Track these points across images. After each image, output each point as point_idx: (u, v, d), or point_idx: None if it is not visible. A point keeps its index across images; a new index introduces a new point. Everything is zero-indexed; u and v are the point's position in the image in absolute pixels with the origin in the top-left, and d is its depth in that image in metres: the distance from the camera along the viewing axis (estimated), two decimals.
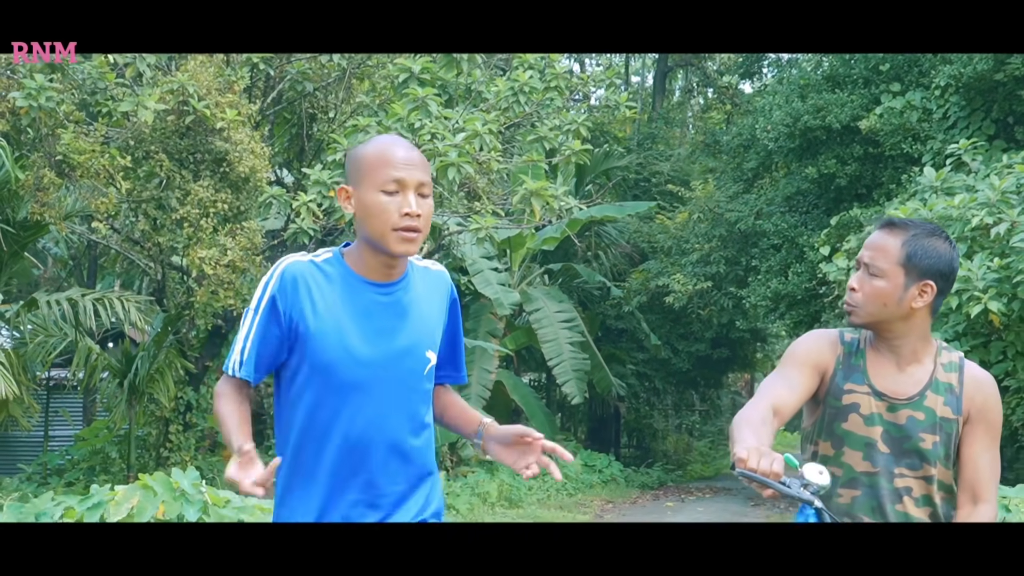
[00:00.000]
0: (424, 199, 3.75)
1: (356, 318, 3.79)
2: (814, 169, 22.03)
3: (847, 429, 4.03)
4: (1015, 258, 12.31)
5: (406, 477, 3.87)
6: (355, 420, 3.79)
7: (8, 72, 13.17)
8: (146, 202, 14.54)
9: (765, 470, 3.45)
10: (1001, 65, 18.06)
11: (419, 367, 3.89)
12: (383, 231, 3.69)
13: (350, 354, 3.77)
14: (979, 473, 3.97)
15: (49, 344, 15.77)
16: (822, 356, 4.11)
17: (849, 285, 4.08)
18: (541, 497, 21.59)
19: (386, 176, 3.69)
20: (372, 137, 4.11)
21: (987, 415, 4.03)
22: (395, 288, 3.85)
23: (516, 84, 15.65)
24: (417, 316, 3.90)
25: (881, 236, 4.04)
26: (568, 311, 25.66)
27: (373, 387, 3.80)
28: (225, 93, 14.27)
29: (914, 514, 3.97)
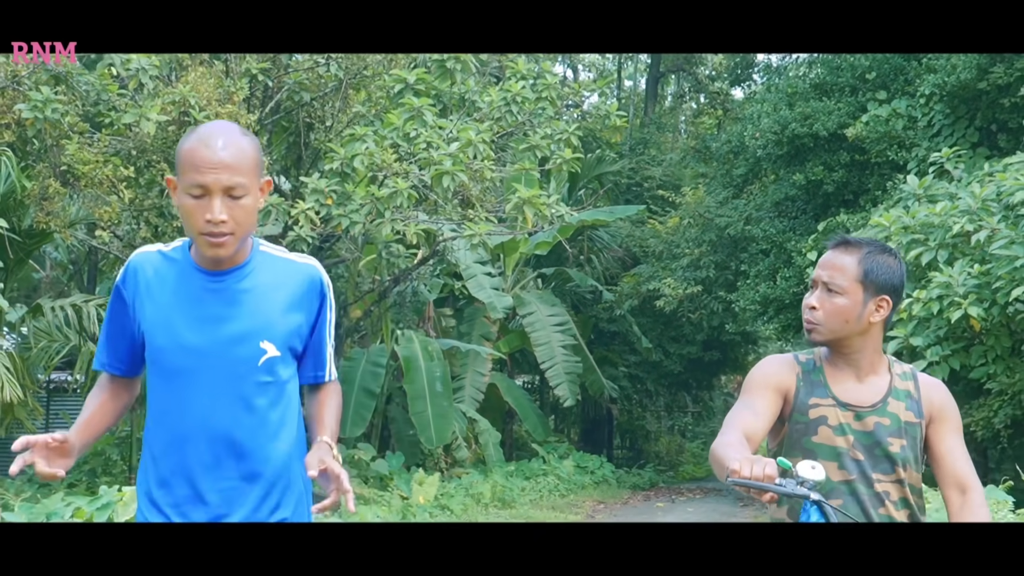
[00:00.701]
0: (236, 200, 3.64)
1: (184, 305, 3.76)
2: (802, 176, 22.35)
3: (817, 442, 4.14)
4: (995, 264, 12.47)
5: (238, 473, 3.80)
6: (182, 408, 3.74)
7: (14, 84, 13.47)
8: (148, 210, 14.87)
9: (759, 475, 3.55)
10: (984, 74, 18.37)
11: (252, 356, 3.80)
12: (192, 234, 3.68)
13: (176, 340, 3.74)
14: (957, 465, 4.10)
15: (52, 349, 16.00)
16: (781, 379, 4.23)
17: (808, 304, 4.19)
18: (534, 498, 21.82)
19: (190, 180, 3.61)
20: (196, 128, 3.81)
21: (946, 413, 4.18)
22: (226, 276, 3.79)
23: (509, 94, 16.04)
24: (252, 305, 3.82)
25: (837, 255, 4.17)
26: (561, 314, 25.89)
27: (199, 374, 3.75)
28: (225, 104, 14.55)
29: (896, 516, 4.10)
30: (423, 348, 20.89)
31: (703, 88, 40.58)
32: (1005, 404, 14.49)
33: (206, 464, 3.76)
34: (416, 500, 17.74)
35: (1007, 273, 12.24)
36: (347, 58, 16.18)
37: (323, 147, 16.67)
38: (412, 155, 14.88)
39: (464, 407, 22.93)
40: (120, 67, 13.56)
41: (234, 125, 3.82)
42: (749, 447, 3.91)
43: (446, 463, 22.01)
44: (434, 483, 18.47)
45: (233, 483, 3.79)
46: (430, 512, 17.68)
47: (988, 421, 14.97)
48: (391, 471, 19.36)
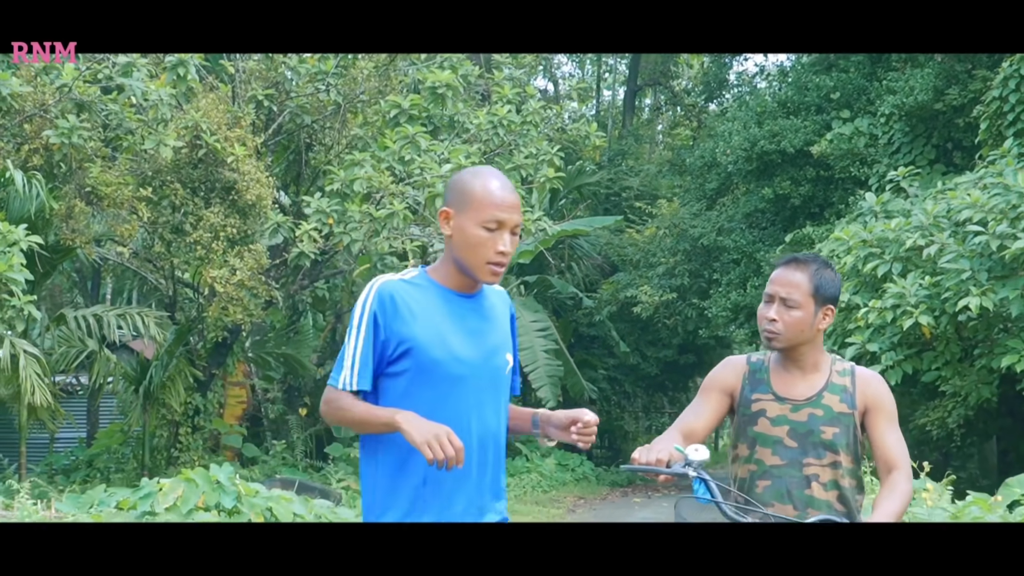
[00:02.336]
0: (514, 237, 4.04)
1: (452, 321, 4.05)
2: (770, 190, 23.29)
3: (758, 431, 4.60)
4: (944, 277, 13.32)
5: (499, 469, 4.19)
6: (459, 413, 4.01)
7: (41, 112, 14.47)
8: (162, 227, 15.88)
9: (651, 461, 4.09)
10: (940, 95, 19.46)
11: (504, 364, 4.18)
12: (478, 263, 4.00)
13: (451, 353, 4.02)
14: (888, 449, 4.49)
15: (70, 354, 17.01)
16: (727, 381, 4.72)
17: (767, 317, 4.57)
18: (518, 493, 22.40)
19: (490, 216, 3.96)
20: (476, 167, 4.35)
21: (880, 403, 4.57)
22: (478, 297, 4.16)
23: (495, 117, 17.07)
24: (496, 322, 4.20)
25: (790, 272, 4.58)
26: (543, 320, 26.37)
27: (471, 382, 4.05)
28: (233, 128, 15.64)
29: (820, 497, 4.49)
30: None
31: (679, 101, 40.95)
32: (958, 405, 15.30)
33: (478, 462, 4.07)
34: None
35: (955, 285, 13.05)
36: (345, 83, 17.21)
37: (322, 167, 17.64)
38: (408, 175, 15.86)
39: None
40: (139, 97, 14.47)
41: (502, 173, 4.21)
42: (684, 443, 4.38)
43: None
44: None
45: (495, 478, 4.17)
46: None
47: (942, 421, 15.85)
48: None
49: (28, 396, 13.64)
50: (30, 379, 13.61)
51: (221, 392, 19.23)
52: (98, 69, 14.65)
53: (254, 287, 15.46)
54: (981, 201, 13.25)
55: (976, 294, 12.79)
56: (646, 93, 43.52)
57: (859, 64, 23.47)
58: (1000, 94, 15.92)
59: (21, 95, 14.19)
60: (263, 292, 15.61)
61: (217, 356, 18.61)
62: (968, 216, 13.34)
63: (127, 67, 14.52)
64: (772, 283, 4.60)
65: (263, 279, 15.76)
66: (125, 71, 14.52)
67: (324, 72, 16.99)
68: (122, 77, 14.52)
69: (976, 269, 13.06)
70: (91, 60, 14.76)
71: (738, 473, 4.69)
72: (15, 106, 14.34)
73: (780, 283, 4.56)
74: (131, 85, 14.46)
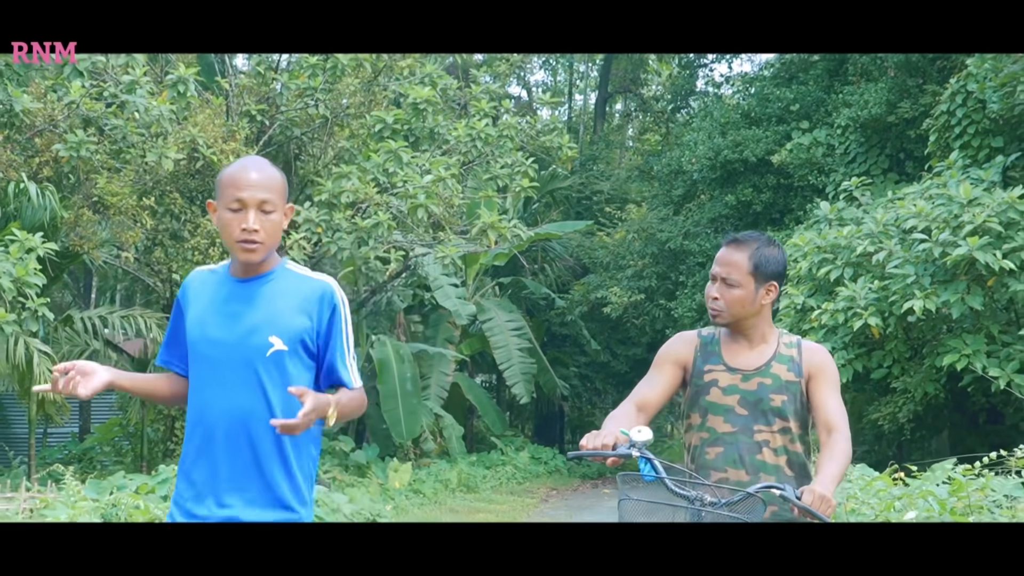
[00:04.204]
0: (267, 215, 4.13)
1: (215, 305, 4.22)
2: (733, 197, 24.21)
3: (710, 400, 4.71)
4: (891, 281, 14.06)
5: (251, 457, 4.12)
6: (212, 392, 4.13)
7: (51, 127, 15.36)
8: (162, 233, 16.78)
9: (597, 445, 4.21)
10: (893, 108, 20.35)
11: (264, 346, 4.14)
12: (230, 243, 4.16)
13: (204, 334, 4.18)
14: (829, 412, 4.57)
15: (74, 353, 17.71)
16: (680, 354, 4.84)
17: (711, 295, 4.71)
18: (494, 485, 23.18)
19: (231, 196, 4.11)
20: (234, 161, 4.54)
21: (823, 370, 4.68)
22: (254, 281, 4.24)
23: (473, 131, 17.99)
24: (267, 305, 4.19)
25: (730, 252, 4.69)
26: (517, 320, 27.12)
27: (222, 362, 4.14)
28: (228, 141, 16.53)
29: (770, 461, 4.62)
30: (395, 352, 22.31)
31: (648, 108, 41.48)
32: (908, 401, 15.95)
33: (225, 446, 4.12)
34: (392, 485, 19.27)
35: (901, 289, 13.76)
36: (333, 98, 18.12)
37: (311, 177, 18.49)
38: (392, 186, 16.74)
39: (430, 404, 24.05)
40: (142, 113, 15.28)
41: (265, 159, 4.34)
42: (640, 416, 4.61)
43: (415, 454, 23.27)
44: (407, 471, 20.00)
45: (246, 466, 4.13)
46: (406, 495, 19.18)
47: (893, 416, 16.55)
48: (368, 460, 20.71)
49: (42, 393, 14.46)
50: (43, 376, 14.44)
51: None
52: (104, 87, 15.48)
53: None
54: (926, 211, 13.82)
55: (920, 297, 13.36)
56: (616, 99, 44.07)
57: (817, 77, 24.37)
58: (948, 108, 16.52)
59: (32, 111, 15.03)
60: None
61: None
62: (914, 225, 13.92)
63: (131, 85, 15.32)
64: (715, 263, 4.75)
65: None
66: (129, 88, 15.33)
67: (313, 88, 17.82)
68: (126, 94, 15.32)
69: (920, 274, 13.68)
70: (97, 79, 15.60)
71: (691, 441, 4.79)
72: (26, 121, 15.19)
73: (721, 263, 4.70)
74: (134, 101, 15.24)
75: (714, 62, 34.72)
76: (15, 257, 12.93)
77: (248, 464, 4.12)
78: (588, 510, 20.47)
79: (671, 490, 4.22)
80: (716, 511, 4.16)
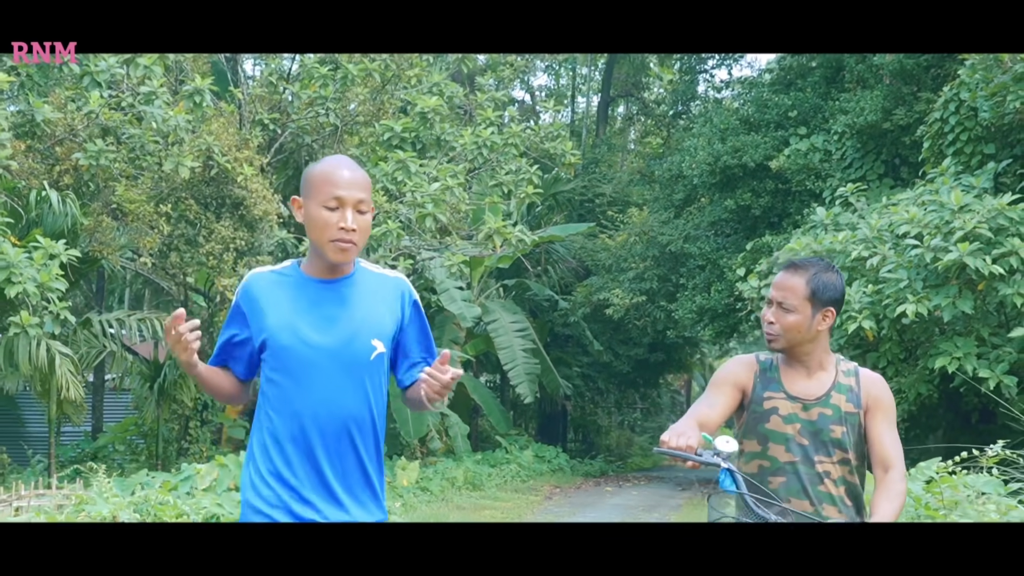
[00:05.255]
0: (361, 215, 4.09)
1: (305, 308, 4.13)
2: (732, 201, 24.49)
3: (769, 428, 4.64)
4: (884, 285, 14.29)
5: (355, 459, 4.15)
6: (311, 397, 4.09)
7: (71, 136, 15.81)
8: (177, 239, 17.25)
9: (682, 446, 4.10)
10: (888, 115, 20.63)
11: (367, 350, 4.13)
12: (323, 242, 4.07)
13: (300, 338, 4.09)
14: (885, 449, 4.51)
15: (91, 355, 18.25)
16: (739, 377, 4.73)
17: (767, 319, 4.63)
18: (499, 482, 23.46)
19: (329, 194, 4.04)
20: (324, 158, 4.33)
21: (881, 404, 4.61)
22: (341, 283, 4.18)
23: (479, 139, 18.42)
24: (361, 307, 4.17)
25: (788, 277, 4.61)
26: (521, 321, 27.40)
27: (324, 366, 4.09)
28: (242, 149, 17.04)
29: (834, 492, 4.57)
30: None
31: (649, 112, 41.78)
32: (902, 402, 15.73)
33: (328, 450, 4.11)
34: (401, 483, 19.65)
35: (894, 293, 13.98)
36: (342, 107, 18.58)
37: None
38: (400, 194, 17.17)
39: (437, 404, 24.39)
40: (159, 123, 15.69)
41: (351, 159, 4.34)
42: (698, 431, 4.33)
43: (421, 453, 23.64)
44: (415, 469, 20.41)
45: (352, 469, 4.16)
46: (414, 493, 19.51)
47: None
48: None
49: (64, 392, 14.97)
50: (64, 377, 14.93)
51: None
52: (122, 97, 15.94)
53: None
54: (918, 217, 14.04)
55: (912, 301, 13.58)
56: (619, 103, 44.24)
57: (815, 84, 24.71)
58: (941, 116, 16.70)
59: (53, 121, 15.49)
60: None
61: None
62: (906, 231, 14.14)
63: (148, 95, 15.74)
64: (773, 287, 4.66)
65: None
66: (147, 99, 15.76)
67: (323, 97, 18.29)
68: (144, 105, 15.75)
69: (913, 279, 13.90)
70: (116, 89, 16.04)
71: (745, 468, 4.71)
72: (48, 131, 15.67)
73: (778, 287, 4.63)
74: (152, 112, 15.64)
75: (715, 67, 35.12)
76: (39, 263, 13.33)
77: (354, 467, 4.16)
78: (591, 507, 20.79)
79: (751, 507, 4.20)
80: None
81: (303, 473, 4.11)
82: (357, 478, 4.17)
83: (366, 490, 4.20)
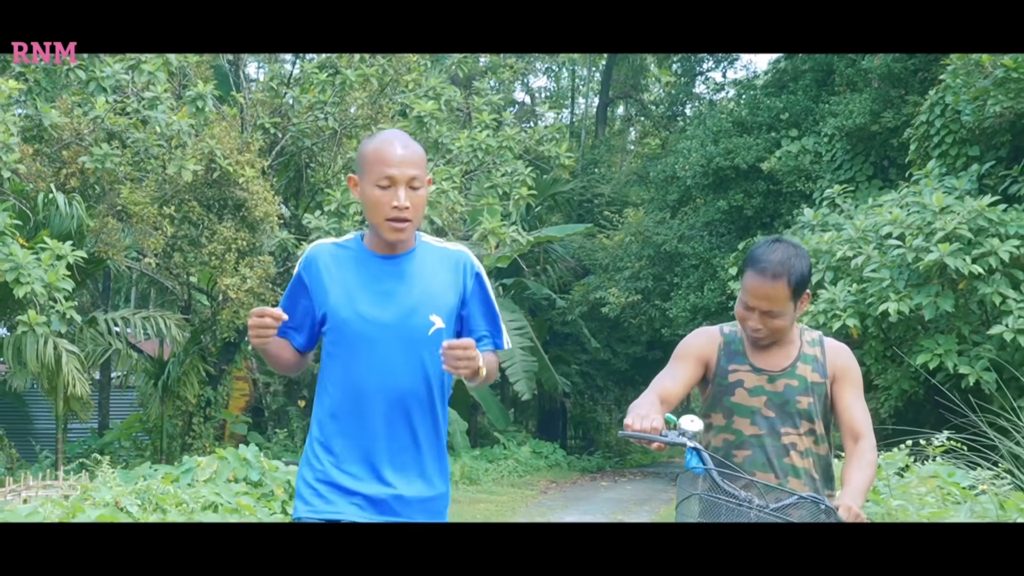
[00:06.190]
0: (415, 191, 4.08)
1: (364, 283, 4.15)
2: (725, 202, 25.01)
3: (735, 401, 4.55)
4: (868, 284, 14.62)
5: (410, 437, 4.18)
6: (369, 371, 4.12)
7: (77, 140, 16.18)
8: (181, 240, 17.66)
9: (646, 428, 4.04)
10: (876, 118, 20.98)
11: (425, 325, 4.14)
12: (379, 220, 4.09)
13: (359, 313, 4.12)
14: (854, 419, 4.46)
15: (96, 352, 18.69)
16: (703, 350, 4.64)
17: (752, 326, 4.49)
18: (496, 477, 23.80)
19: (380, 173, 4.04)
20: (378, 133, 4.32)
21: (848, 373, 4.55)
22: (400, 258, 4.18)
23: (475, 142, 18.79)
24: (420, 282, 4.17)
25: (768, 286, 4.40)
26: (519, 319, 27.64)
27: (383, 341, 4.12)
28: (243, 152, 17.39)
29: (799, 464, 4.51)
30: None
31: (648, 113, 42.05)
32: (889, 398, 16.33)
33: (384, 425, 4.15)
34: None
35: (877, 292, 14.29)
36: (341, 111, 18.94)
37: (320, 185, 19.37)
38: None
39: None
40: (163, 127, 16.03)
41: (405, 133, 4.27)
42: (662, 407, 4.33)
43: None
44: None
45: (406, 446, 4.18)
46: None
47: (875, 412, 16.32)
48: None
49: (70, 389, 15.36)
50: (71, 374, 15.31)
51: (229, 386, 20.99)
52: (127, 103, 16.26)
53: (262, 293, 17.09)
54: (900, 218, 14.37)
55: (895, 300, 13.95)
56: (618, 104, 44.54)
57: (806, 87, 25.16)
58: (927, 119, 17.05)
59: (60, 125, 15.80)
60: (270, 298, 17.11)
61: (227, 354, 20.33)
62: (889, 231, 14.46)
63: (152, 101, 16.07)
64: (752, 295, 4.48)
65: (270, 286, 17.42)
66: (151, 104, 16.07)
67: (323, 101, 18.66)
68: (148, 110, 16.06)
69: (895, 278, 14.21)
70: (121, 95, 16.40)
71: (713, 442, 4.64)
72: (55, 135, 16.00)
73: (759, 297, 4.46)
74: (156, 117, 15.96)
75: (710, 70, 35.52)
76: (47, 264, 13.62)
77: (408, 444, 4.16)
78: (584, 501, 21.12)
79: (719, 485, 4.11)
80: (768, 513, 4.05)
81: (353, 445, 4.16)
82: (411, 454, 4.19)
83: (415, 466, 4.20)
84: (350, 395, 4.16)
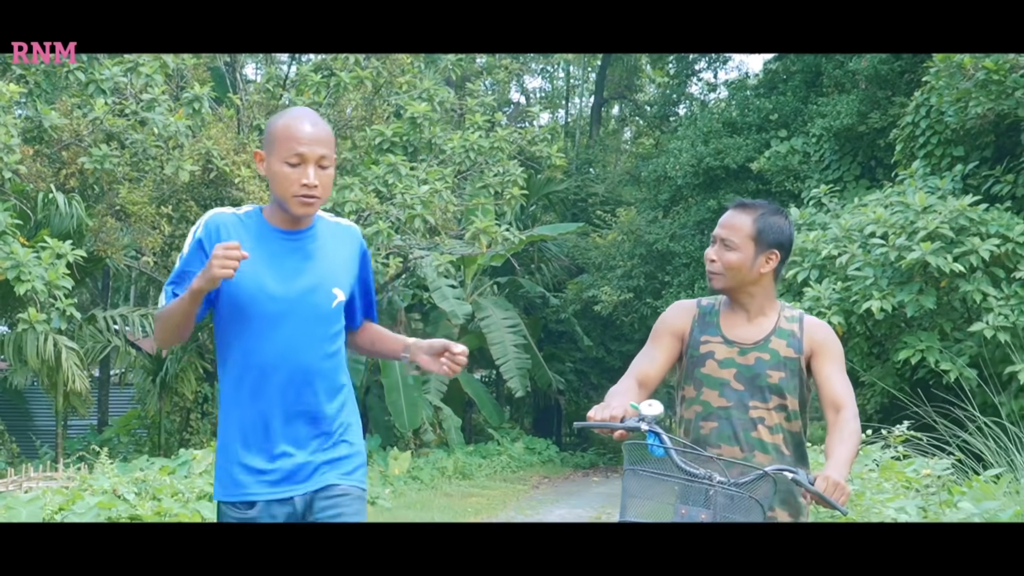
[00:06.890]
0: (323, 170, 4.08)
1: (269, 260, 4.11)
2: (715, 201, 25.16)
3: (705, 373, 4.53)
4: (852, 282, 14.75)
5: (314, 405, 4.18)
6: (274, 350, 4.09)
7: (76, 141, 16.44)
8: (179, 239, 17.80)
9: (605, 417, 4.04)
10: (863, 119, 21.24)
11: (327, 300, 4.18)
12: (286, 196, 4.06)
13: (265, 291, 4.07)
14: (834, 390, 4.38)
15: (96, 349, 18.95)
16: (677, 323, 4.64)
17: (708, 257, 4.54)
18: (489, 473, 24.01)
19: (290, 150, 4.03)
20: (286, 109, 4.29)
21: (827, 347, 4.49)
22: (303, 234, 4.19)
23: (467, 143, 19.05)
24: (322, 259, 4.20)
25: (734, 216, 4.50)
26: (513, 318, 27.76)
27: (288, 319, 4.10)
28: (240, 153, 17.64)
29: (767, 439, 4.46)
30: None
31: (642, 113, 42.32)
32: (875, 394, 16.54)
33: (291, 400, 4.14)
34: (392, 472, 20.28)
35: (861, 290, 14.44)
36: (336, 112, 19.20)
37: None
38: (391, 196, 17.75)
39: (431, 397, 24.75)
40: (162, 129, 16.23)
41: (313, 111, 4.26)
42: (641, 392, 4.39)
43: (415, 444, 24.15)
44: (407, 459, 20.99)
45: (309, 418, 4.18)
46: (404, 481, 20.10)
47: (862, 407, 16.60)
48: (370, 450, 21.66)
49: (70, 385, 15.61)
50: (71, 370, 15.56)
51: None
52: (125, 104, 16.48)
53: None
54: (884, 218, 14.51)
55: (878, 298, 14.08)
56: (612, 104, 44.68)
57: (795, 88, 25.38)
58: (912, 119, 17.19)
59: (59, 127, 16.04)
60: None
61: None
62: (873, 230, 14.63)
63: (150, 103, 16.30)
64: (719, 224, 4.56)
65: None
66: (148, 106, 16.30)
67: (318, 103, 18.87)
68: (146, 112, 16.28)
69: (878, 276, 14.38)
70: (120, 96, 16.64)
71: (685, 415, 4.63)
72: (54, 136, 16.24)
73: (723, 224, 4.52)
74: (153, 118, 16.18)
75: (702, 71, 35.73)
76: (47, 262, 13.84)
77: (316, 416, 4.18)
78: (575, 496, 21.29)
79: (679, 466, 4.05)
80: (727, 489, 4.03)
81: (259, 421, 4.13)
82: (319, 425, 4.19)
83: (324, 436, 4.20)
84: (254, 371, 4.13)
